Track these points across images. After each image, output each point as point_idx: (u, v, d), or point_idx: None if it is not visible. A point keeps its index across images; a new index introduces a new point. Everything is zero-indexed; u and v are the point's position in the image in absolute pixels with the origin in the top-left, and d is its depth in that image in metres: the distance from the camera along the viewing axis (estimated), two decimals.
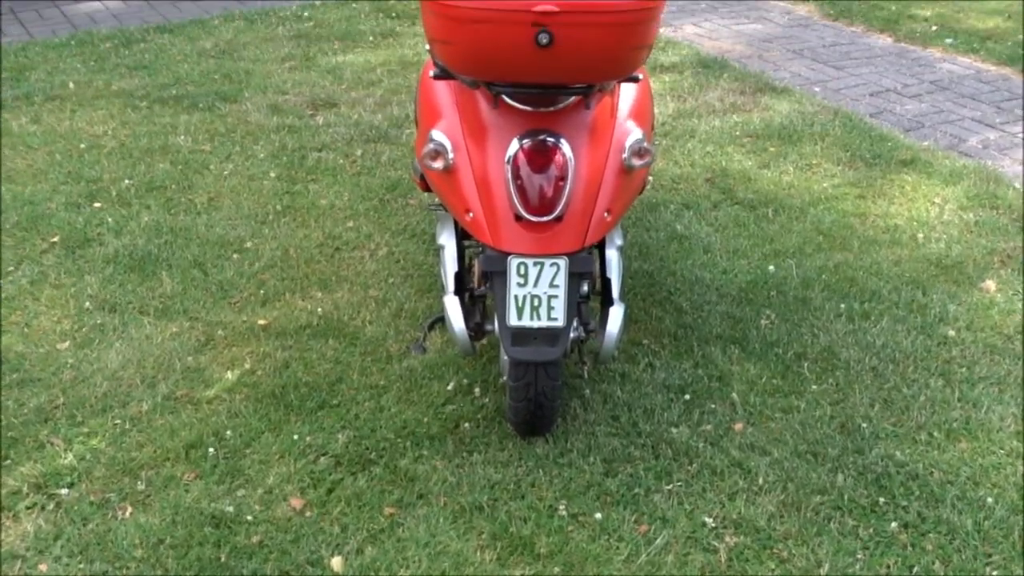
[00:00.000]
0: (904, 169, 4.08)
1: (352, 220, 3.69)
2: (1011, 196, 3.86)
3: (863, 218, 3.73)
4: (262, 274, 3.36)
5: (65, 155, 4.13)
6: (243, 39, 5.48)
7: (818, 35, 5.73)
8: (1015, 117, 4.64)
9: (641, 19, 2.15)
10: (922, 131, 4.49)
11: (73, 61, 5.13)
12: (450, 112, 2.53)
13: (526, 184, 2.31)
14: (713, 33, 5.73)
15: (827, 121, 4.50)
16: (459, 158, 2.41)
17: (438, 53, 2.30)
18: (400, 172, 4.02)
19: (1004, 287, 3.30)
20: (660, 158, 4.15)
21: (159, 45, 5.37)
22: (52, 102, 4.64)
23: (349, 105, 4.67)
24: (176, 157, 4.14)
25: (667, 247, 3.52)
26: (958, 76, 5.14)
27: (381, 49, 5.39)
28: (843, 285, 3.30)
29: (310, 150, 4.22)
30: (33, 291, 3.26)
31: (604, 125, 2.47)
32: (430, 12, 2.20)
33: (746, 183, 3.97)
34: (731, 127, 4.45)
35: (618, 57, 2.20)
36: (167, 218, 3.69)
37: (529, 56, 2.12)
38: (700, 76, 5.03)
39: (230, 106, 4.63)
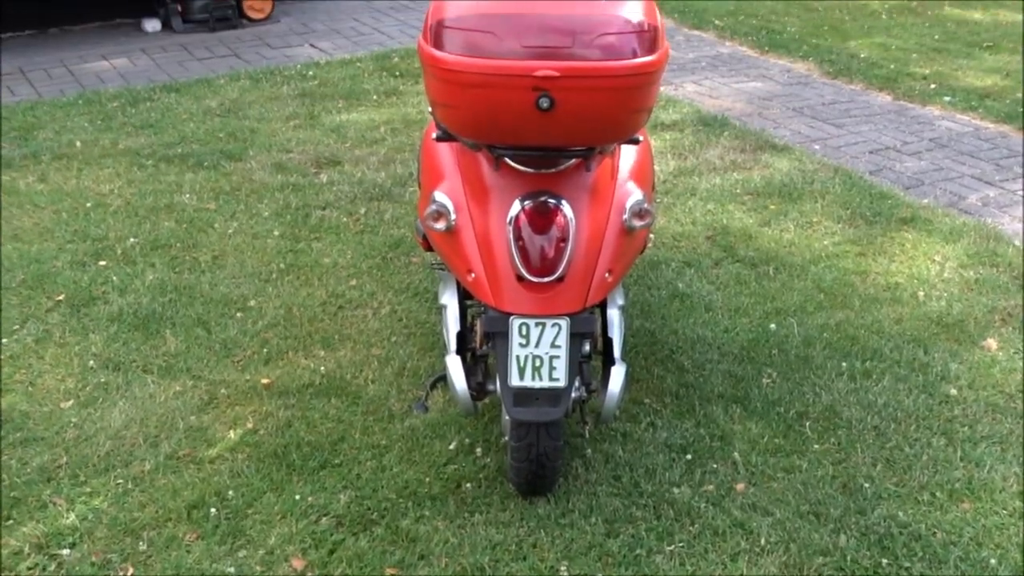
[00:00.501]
0: (904, 227, 4.11)
1: (355, 278, 3.71)
2: (1011, 254, 3.88)
3: (864, 276, 3.74)
4: (265, 332, 3.38)
5: (71, 213, 4.17)
6: (248, 98, 5.54)
7: (818, 93, 5.79)
8: (1014, 175, 4.67)
9: (641, 83, 2.18)
10: (922, 188, 4.52)
11: (80, 120, 5.18)
12: (452, 173, 2.56)
13: (528, 245, 2.33)
14: (713, 91, 5.80)
15: (827, 179, 4.53)
16: (461, 219, 2.44)
17: (440, 116, 2.34)
18: (403, 230, 4.05)
19: (1005, 345, 3.31)
20: (661, 215, 4.18)
21: (165, 104, 5.44)
22: (59, 161, 4.69)
23: (353, 163, 4.72)
24: (181, 215, 4.17)
25: (669, 305, 3.54)
26: (957, 134, 5.18)
27: (384, 107, 5.45)
28: (844, 343, 3.31)
29: (314, 208, 4.25)
30: (38, 349, 3.28)
31: (605, 186, 2.49)
32: (432, 76, 2.23)
33: (747, 241, 3.99)
34: (732, 185, 4.49)
35: (618, 120, 2.23)
36: (171, 276, 3.71)
37: (530, 120, 2.15)
38: (701, 134, 5.07)
39: (235, 164, 4.68)
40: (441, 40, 2.18)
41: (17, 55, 6.28)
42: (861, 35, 6.80)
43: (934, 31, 6.90)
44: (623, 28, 2.15)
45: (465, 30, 2.15)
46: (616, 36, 2.15)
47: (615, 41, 2.14)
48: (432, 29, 2.21)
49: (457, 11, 2.19)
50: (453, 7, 2.20)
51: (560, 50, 2.11)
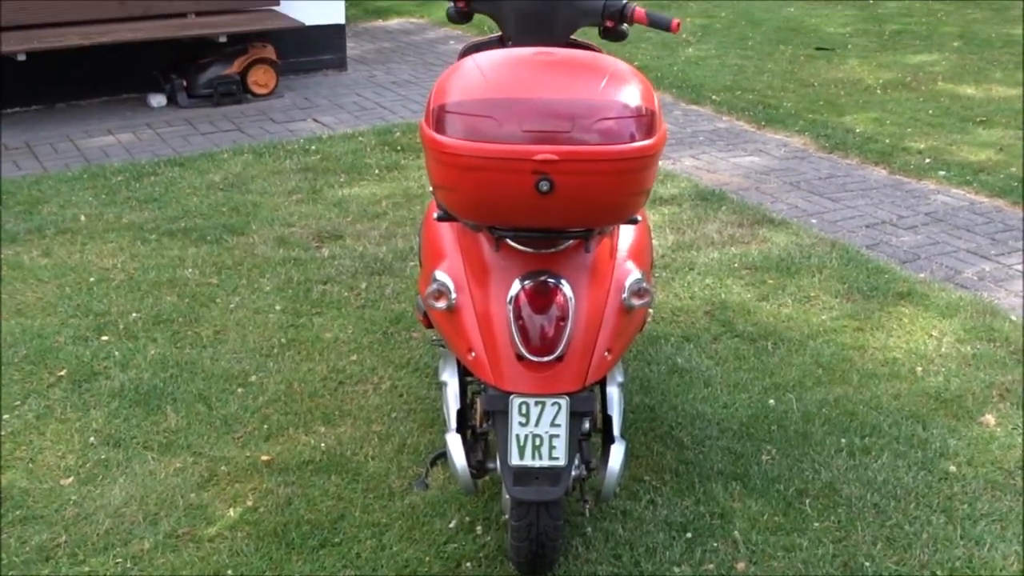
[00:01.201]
0: (901, 301, 4.14)
1: (356, 353, 3.73)
2: (1008, 329, 3.91)
3: (862, 351, 3.76)
4: (266, 408, 3.39)
5: (74, 288, 4.20)
6: (251, 172, 5.60)
7: (814, 167, 5.86)
8: (1009, 249, 4.71)
9: (639, 166, 2.22)
10: (918, 263, 4.56)
11: (85, 194, 5.24)
12: (453, 253, 2.59)
13: (528, 324, 2.35)
14: (711, 165, 5.86)
15: (824, 253, 4.58)
16: (462, 298, 2.47)
17: (442, 198, 2.37)
18: (404, 305, 4.08)
19: (1004, 421, 3.32)
20: (661, 290, 4.21)
21: (169, 178, 5.50)
22: (63, 235, 4.73)
23: (354, 237, 4.76)
24: (183, 290, 4.20)
25: (668, 381, 3.55)
26: (952, 208, 5.24)
27: (386, 182, 5.51)
28: (843, 419, 3.32)
29: (315, 283, 4.29)
30: (39, 425, 3.29)
31: (604, 265, 2.53)
32: (434, 159, 2.27)
33: (745, 315, 4.02)
34: (730, 259, 4.53)
35: (617, 203, 2.27)
36: (173, 351, 3.73)
37: (530, 202, 2.19)
38: (699, 208, 5.13)
39: (237, 239, 4.72)
40: (443, 124, 2.23)
41: (24, 130, 6.36)
42: (856, 110, 6.90)
43: (928, 106, 7.00)
44: (621, 113, 2.20)
45: (466, 115, 2.20)
46: (614, 120, 2.19)
47: (613, 125, 2.19)
48: (434, 113, 2.26)
49: (458, 96, 2.24)
50: (454, 92, 2.26)
51: (559, 134, 2.16)
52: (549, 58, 2.41)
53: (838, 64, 8.17)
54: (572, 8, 2.91)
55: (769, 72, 7.89)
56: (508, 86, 2.23)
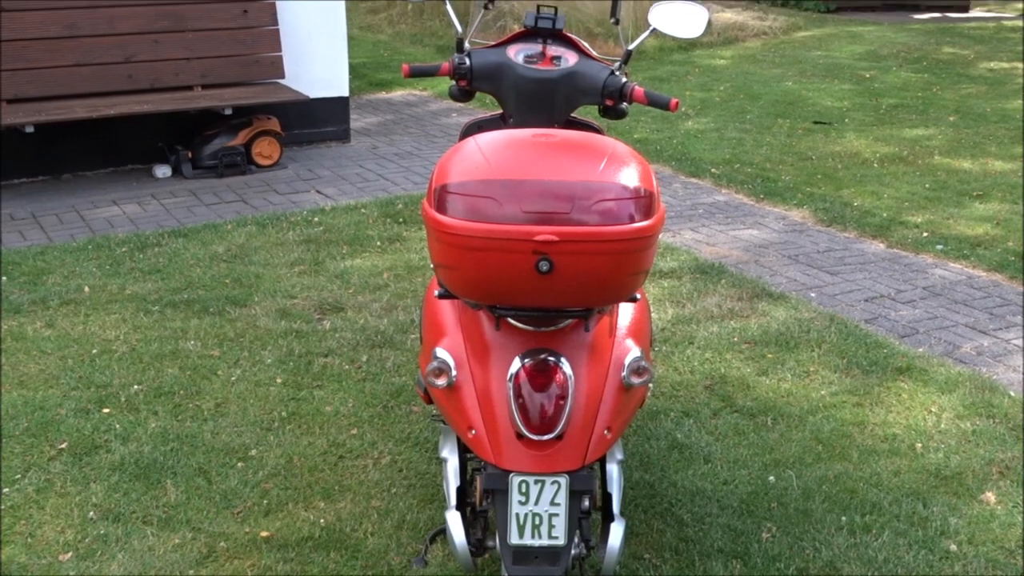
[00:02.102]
0: (900, 376, 4.15)
1: (356, 427, 3.74)
2: (1007, 404, 3.92)
3: (862, 427, 3.77)
4: (266, 483, 3.39)
5: (77, 360, 4.22)
6: (255, 243, 5.65)
7: (812, 241, 5.91)
8: (1007, 324, 4.74)
9: (638, 247, 2.25)
10: (917, 337, 4.58)
11: (89, 265, 5.28)
12: (454, 330, 2.61)
13: (527, 403, 2.37)
14: (711, 239, 5.91)
15: (823, 327, 4.60)
16: (462, 376, 2.49)
17: (442, 276, 2.40)
18: (404, 378, 4.10)
19: (1004, 499, 3.32)
20: (660, 364, 4.23)
21: (173, 249, 5.54)
22: (67, 306, 4.76)
23: (356, 310, 4.79)
24: (185, 362, 4.22)
25: (668, 456, 3.56)
26: (950, 282, 5.27)
27: (388, 254, 5.55)
28: (844, 496, 3.32)
29: (316, 355, 4.30)
30: (38, 499, 3.28)
31: (603, 344, 2.55)
32: (435, 238, 2.31)
33: (745, 390, 4.03)
34: (729, 333, 4.55)
35: (616, 283, 2.30)
36: (174, 424, 3.74)
37: (530, 282, 2.22)
38: (699, 282, 5.16)
39: (239, 310, 4.75)
40: (444, 204, 2.27)
41: (31, 200, 6.42)
42: (854, 184, 6.97)
43: (925, 180, 7.07)
44: (620, 194, 2.24)
45: (467, 195, 2.24)
46: (613, 202, 2.23)
47: (613, 207, 2.23)
48: (436, 193, 2.29)
49: (460, 176, 2.28)
50: (456, 172, 2.30)
51: (559, 215, 2.19)
52: (549, 139, 2.45)
53: (835, 138, 8.27)
54: (572, 87, 2.96)
55: (767, 145, 7.98)
56: (508, 167, 2.27)
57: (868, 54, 12.03)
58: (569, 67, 2.97)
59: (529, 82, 2.96)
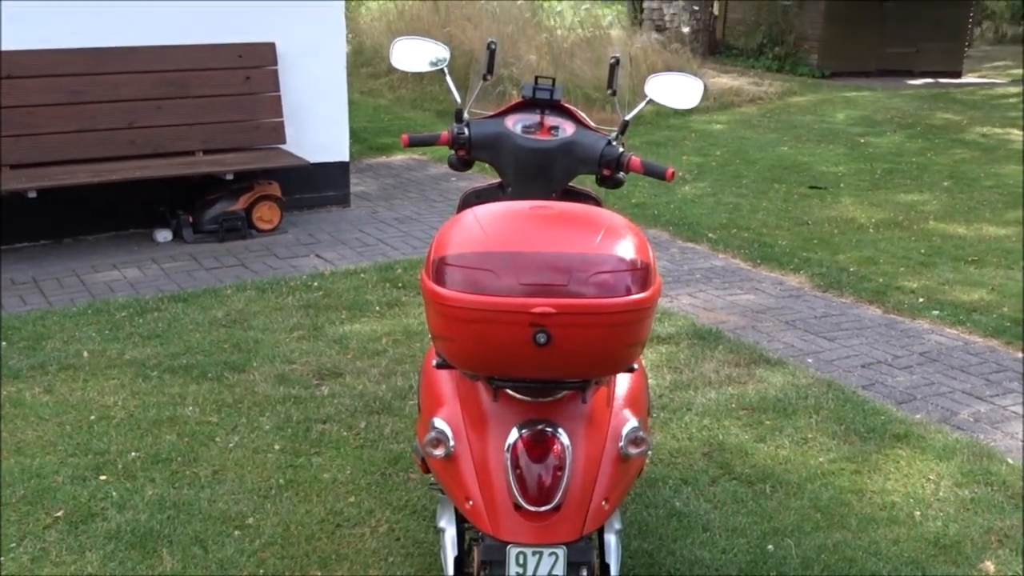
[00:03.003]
0: (898, 443, 4.16)
1: (354, 495, 3.73)
2: (1004, 472, 3.91)
3: (860, 495, 3.77)
4: (262, 552, 3.37)
5: (75, 426, 4.22)
6: (254, 308, 5.67)
7: (809, 306, 5.94)
8: (1004, 390, 4.75)
9: (635, 318, 2.28)
10: (914, 404, 4.59)
11: (89, 330, 5.29)
12: (452, 400, 2.62)
13: (525, 474, 2.38)
14: (708, 303, 5.94)
15: (821, 394, 4.61)
16: (460, 446, 2.49)
17: (440, 348, 2.42)
18: (402, 445, 4.10)
19: (1003, 568, 3.31)
20: (658, 431, 4.23)
21: (172, 314, 5.56)
22: (66, 371, 4.77)
23: (354, 375, 4.80)
24: (183, 428, 4.22)
25: (666, 525, 3.55)
26: (947, 348, 5.29)
27: (387, 319, 5.57)
28: (843, 566, 3.31)
29: (315, 422, 4.31)
30: (34, 569, 3.27)
31: (601, 414, 2.56)
32: (433, 310, 2.33)
33: (743, 457, 4.03)
34: (727, 399, 4.56)
35: (613, 354, 2.32)
36: (171, 492, 3.73)
37: (527, 354, 2.23)
38: (696, 347, 5.18)
39: (238, 376, 4.76)
40: (442, 276, 2.29)
41: (32, 264, 6.46)
42: (850, 249, 7.02)
43: (920, 245, 7.12)
44: (617, 266, 2.26)
45: (465, 267, 2.27)
46: (610, 274, 2.25)
47: (609, 279, 2.25)
48: (434, 265, 2.32)
49: (458, 249, 2.31)
50: (454, 245, 2.32)
51: (556, 287, 2.22)
52: (546, 212, 2.49)
53: (831, 203, 8.34)
54: (570, 157, 3.00)
55: (764, 210, 8.05)
56: (506, 240, 2.30)
57: (862, 119, 12.16)
58: (567, 137, 3.01)
59: (527, 152, 3.00)
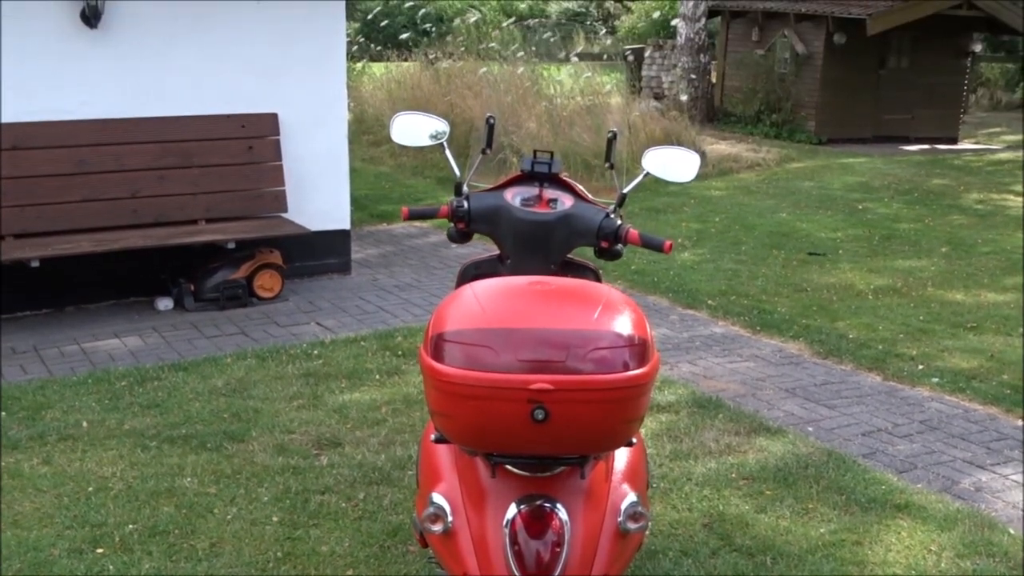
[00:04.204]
0: (899, 514, 4.14)
1: (352, 568, 3.71)
2: (1007, 543, 3.89)
3: (861, 567, 3.74)
4: None
5: (72, 498, 4.20)
6: (254, 377, 5.68)
7: (809, 373, 5.94)
8: (1005, 458, 4.74)
9: (633, 394, 2.29)
10: (915, 473, 4.58)
11: (88, 399, 5.29)
12: (450, 475, 2.63)
13: (523, 549, 2.38)
14: (708, 371, 5.95)
15: (821, 463, 4.60)
16: (458, 522, 2.49)
17: (439, 423, 2.44)
18: (401, 517, 4.08)
19: None
20: (658, 502, 4.21)
21: (172, 383, 5.56)
22: (65, 442, 4.76)
23: (353, 445, 4.79)
24: (181, 500, 4.21)
25: None
26: (947, 416, 5.29)
27: (387, 387, 5.57)
28: None
29: (313, 492, 4.29)
30: None
31: (599, 489, 2.56)
32: (431, 386, 2.35)
33: (743, 528, 4.01)
34: (727, 469, 4.54)
35: (611, 430, 2.33)
36: (168, 565, 3.71)
37: (526, 430, 2.25)
38: (696, 416, 5.17)
39: (237, 446, 4.75)
40: (441, 352, 2.31)
41: (33, 333, 6.48)
42: (849, 315, 7.04)
43: (919, 312, 7.14)
44: (614, 342, 2.28)
45: (463, 344, 2.29)
46: (608, 350, 2.28)
47: (607, 355, 2.27)
48: (432, 341, 2.34)
49: (456, 325, 2.33)
50: (452, 321, 2.35)
51: (554, 364, 2.23)
52: (544, 288, 2.52)
53: (830, 269, 8.38)
54: (568, 230, 3.04)
55: (763, 277, 8.08)
56: (504, 316, 2.32)
57: (860, 185, 12.26)
58: (565, 210, 3.04)
59: (526, 224, 3.03)
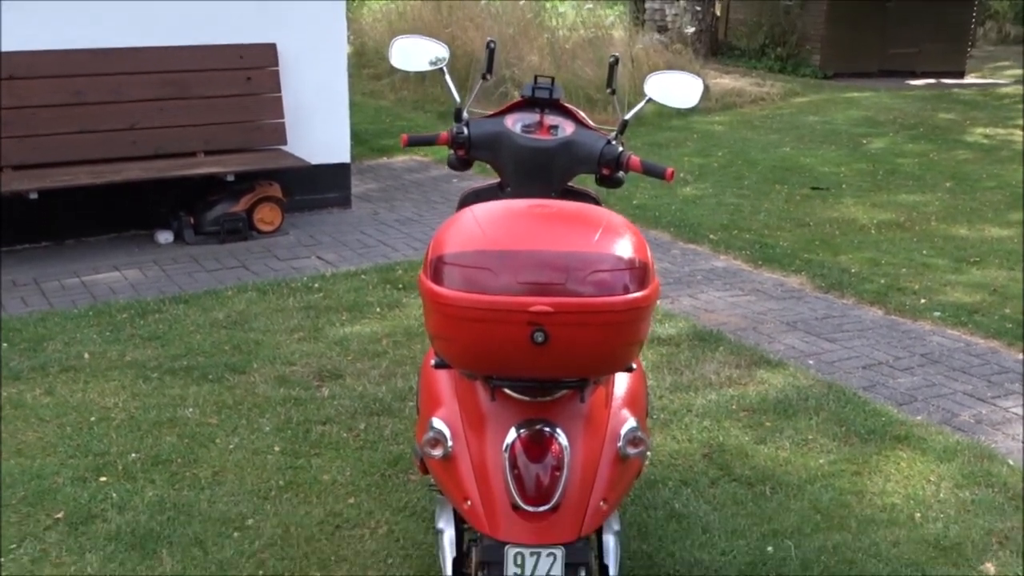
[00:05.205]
0: (899, 445, 4.15)
1: (353, 496, 3.73)
2: (1005, 473, 3.90)
3: (860, 496, 3.76)
4: (262, 553, 3.37)
5: (75, 428, 4.21)
6: (255, 310, 5.67)
7: (810, 307, 5.93)
8: (1006, 391, 4.74)
9: (633, 318, 2.27)
10: (915, 405, 4.58)
11: (90, 331, 5.29)
12: (450, 400, 2.62)
13: (523, 474, 2.37)
14: (709, 305, 5.93)
15: (821, 395, 4.60)
16: (458, 447, 2.49)
17: (438, 347, 2.42)
18: (402, 447, 4.09)
19: (1004, 569, 3.30)
20: (658, 433, 4.22)
21: (173, 315, 5.56)
22: (67, 373, 4.76)
23: (354, 377, 4.79)
24: (183, 430, 4.22)
25: (665, 526, 3.54)
26: (948, 349, 5.28)
27: (387, 320, 5.57)
28: (842, 568, 3.30)
29: (314, 423, 4.30)
30: (34, 569, 3.27)
31: (599, 414, 2.55)
32: (431, 309, 2.33)
33: (743, 459, 4.03)
34: (727, 401, 4.55)
35: (611, 354, 2.31)
36: (171, 493, 3.73)
37: (525, 353, 2.23)
38: (697, 349, 5.17)
39: (238, 377, 4.76)
40: (440, 275, 2.29)
41: (33, 266, 6.46)
42: (851, 250, 7.01)
43: (922, 246, 7.11)
44: (615, 265, 2.26)
45: (463, 266, 2.26)
46: (608, 273, 2.25)
47: (607, 278, 2.24)
48: (432, 264, 2.32)
49: (456, 248, 2.30)
50: (452, 244, 2.32)
51: (554, 286, 2.21)
52: (544, 210, 2.49)
53: (833, 203, 8.33)
54: (569, 157, 2.99)
55: (765, 211, 8.04)
56: (504, 238, 2.30)
57: (865, 120, 12.16)
58: (566, 137, 3.00)
59: (526, 151, 2.99)
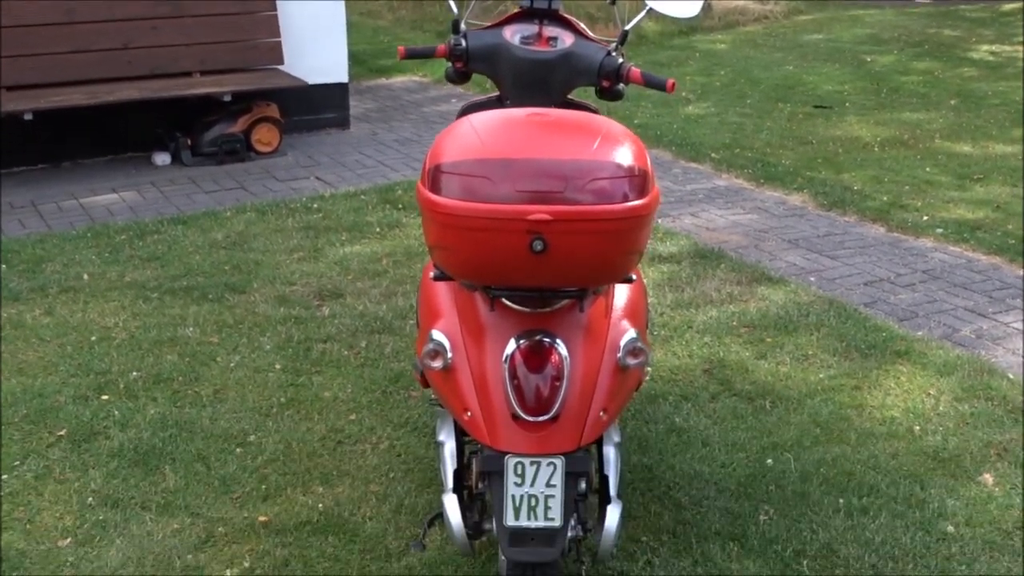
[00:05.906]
0: (899, 360, 4.15)
1: (355, 413, 3.74)
2: (1005, 387, 3.91)
3: (860, 410, 3.77)
4: (264, 468, 3.39)
5: (76, 347, 4.22)
6: (254, 230, 5.64)
7: (812, 225, 5.89)
8: (1007, 307, 4.73)
9: (632, 226, 2.24)
10: (916, 321, 4.58)
11: (88, 253, 5.27)
12: (449, 312, 2.61)
13: (523, 384, 2.36)
14: (710, 223, 5.90)
15: (822, 311, 4.59)
16: (458, 358, 2.48)
17: (437, 258, 2.40)
18: (403, 364, 4.10)
19: (1002, 481, 3.32)
20: (659, 349, 4.22)
21: (172, 236, 5.54)
22: (66, 294, 4.76)
23: (355, 296, 4.78)
24: (184, 349, 4.22)
25: (666, 440, 3.55)
26: (950, 266, 5.26)
27: (387, 240, 5.54)
28: (841, 479, 3.32)
29: (315, 341, 4.30)
30: (37, 486, 3.29)
31: (599, 325, 2.54)
32: (429, 219, 2.31)
33: (744, 374, 4.03)
34: (728, 317, 4.54)
35: (611, 262, 2.29)
36: (173, 411, 3.74)
37: (524, 262, 2.21)
38: (698, 266, 5.15)
39: (238, 297, 4.75)
40: (438, 184, 2.26)
41: (30, 188, 6.42)
42: (854, 168, 6.95)
43: (925, 163, 7.05)
44: (614, 173, 2.22)
45: (461, 175, 2.23)
46: (608, 180, 2.22)
47: (607, 185, 2.21)
48: (430, 173, 2.29)
49: (454, 156, 2.27)
50: (450, 152, 2.29)
51: (553, 194, 2.18)
52: (543, 119, 2.45)
53: (836, 122, 8.25)
54: (569, 68, 2.95)
55: (768, 130, 7.96)
56: (502, 147, 2.26)
57: (869, 38, 11.99)
58: (566, 48, 2.95)
59: (525, 63, 2.94)
